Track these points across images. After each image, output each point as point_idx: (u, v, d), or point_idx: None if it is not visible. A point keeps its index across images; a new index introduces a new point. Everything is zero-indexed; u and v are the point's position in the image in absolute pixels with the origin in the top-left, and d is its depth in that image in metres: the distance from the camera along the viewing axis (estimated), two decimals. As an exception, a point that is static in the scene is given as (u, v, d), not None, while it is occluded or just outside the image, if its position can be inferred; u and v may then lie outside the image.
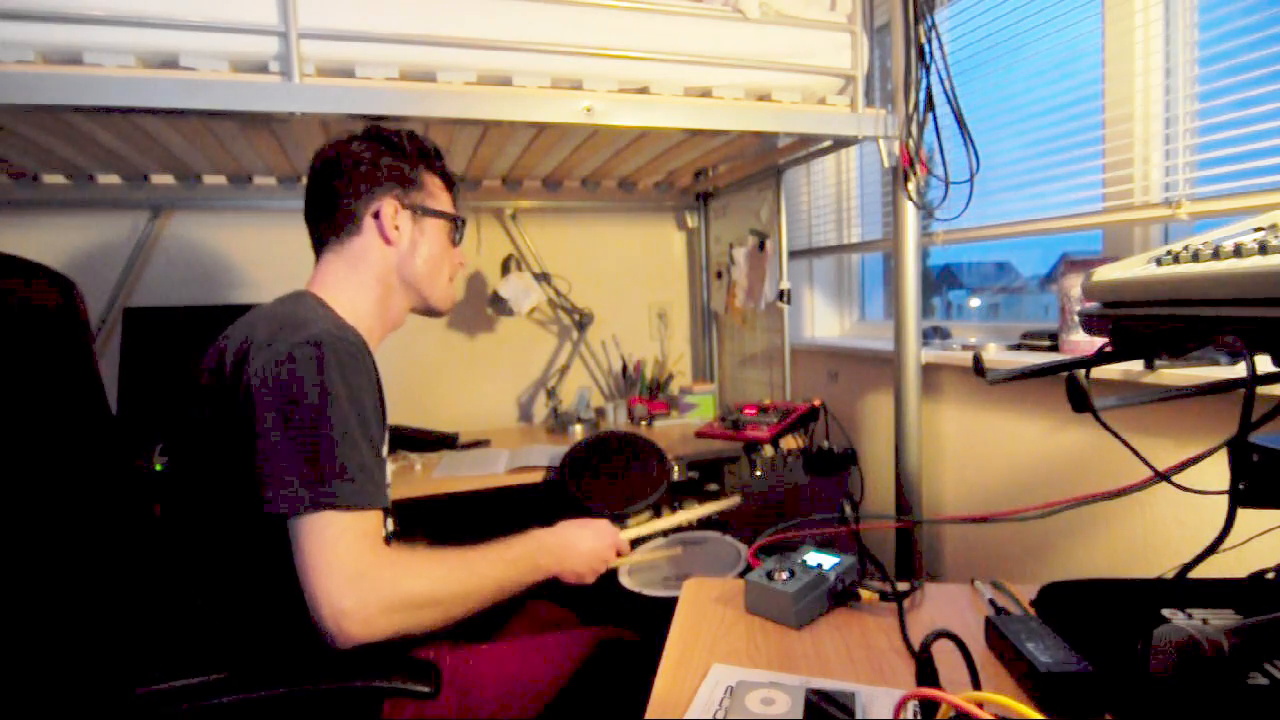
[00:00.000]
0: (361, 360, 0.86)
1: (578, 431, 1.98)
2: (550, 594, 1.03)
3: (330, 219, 1.00)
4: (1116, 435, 0.68)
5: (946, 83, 1.33)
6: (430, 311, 1.09)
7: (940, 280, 1.92)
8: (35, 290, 0.88)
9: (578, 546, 1.01)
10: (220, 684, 0.77)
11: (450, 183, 1.10)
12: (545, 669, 0.95)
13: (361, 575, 0.78)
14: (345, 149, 1.01)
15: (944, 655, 0.52)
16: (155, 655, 0.86)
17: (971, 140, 1.32)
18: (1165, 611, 0.60)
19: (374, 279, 1.00)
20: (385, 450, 0.94)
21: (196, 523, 0.89)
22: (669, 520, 1.22)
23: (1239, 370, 0.51)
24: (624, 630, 1.04)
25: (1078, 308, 1.19)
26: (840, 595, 0.77)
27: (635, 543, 1.18)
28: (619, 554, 1.09)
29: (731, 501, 1.31)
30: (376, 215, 0.99)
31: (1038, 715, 0.43)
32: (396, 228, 1.00)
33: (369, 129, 1.04)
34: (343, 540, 0.78)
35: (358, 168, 0.99)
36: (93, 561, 0.90)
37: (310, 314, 0.88)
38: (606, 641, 1.00)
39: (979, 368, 0.78)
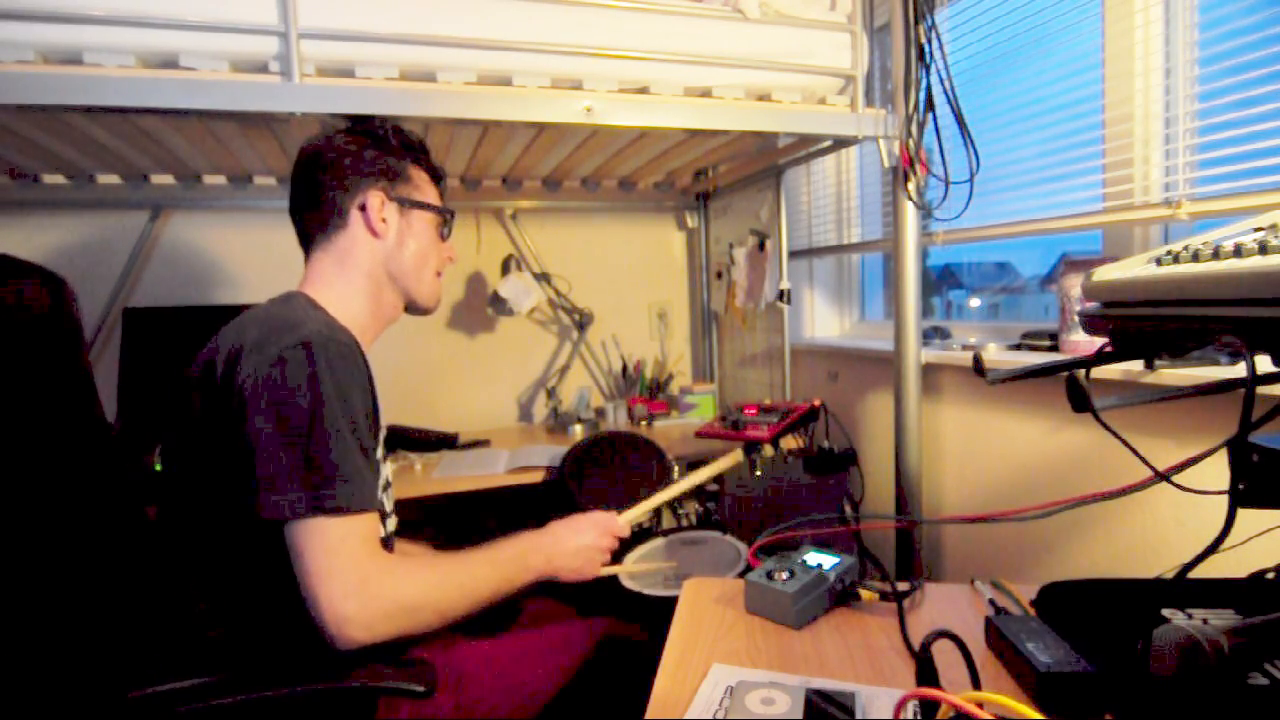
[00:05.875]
0: (353, 361, 0.86)
1: (578, 431, 1.98)
2: (551, 590, 1.03)
3: (316, 213, 0.99)
4: (1116, 435, 0.68)
5: (946, 83, 1.33)
6: (415, 308, 1.07)
7: (940, 280, 1.92)
8: (25, 290, 0.87)
9: (567, 544, 1.01)
10: (215, 685, 0.77)
11: (437, 177, 1.09)
12: (541, 667, 0.94)
13: (363, 581, 0.78)
14: (329, 143, 1.00)
15: (944, 655, 0.52)
16: (150, 657, 0.86)
17: (971, 140, 1.32)
18: (1165, 611, 0.60)
19: (362, 274, 0.99)
20: (380, 451, 0.93)
21: (191, 526, 0.89)
22: (669, 491, 1.19)
23: (1239, 370, 0.51)
24: (620, 623, 1.03)
25: (1078, 308, 1.19)
26: (840, 595, 0.77)
27: (634, 541, 1.17)
28: (618, 539, 1.08)
29: (733, 459, 1.28)
30: (363, 208, 0.98)
31: (1038, 715, 0.43)
32: (384, 220, 0.99)
33: (353, 124, 1.03)
34: (344, 546, 0.79)
35: (342, 160, 0.98)
36: (87, 564, 0.89)
37: (301, 315, 0.87)
38: (603, 639, 1.00)
39: (979, 368, 0.78)
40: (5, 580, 0.81)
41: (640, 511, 1.15)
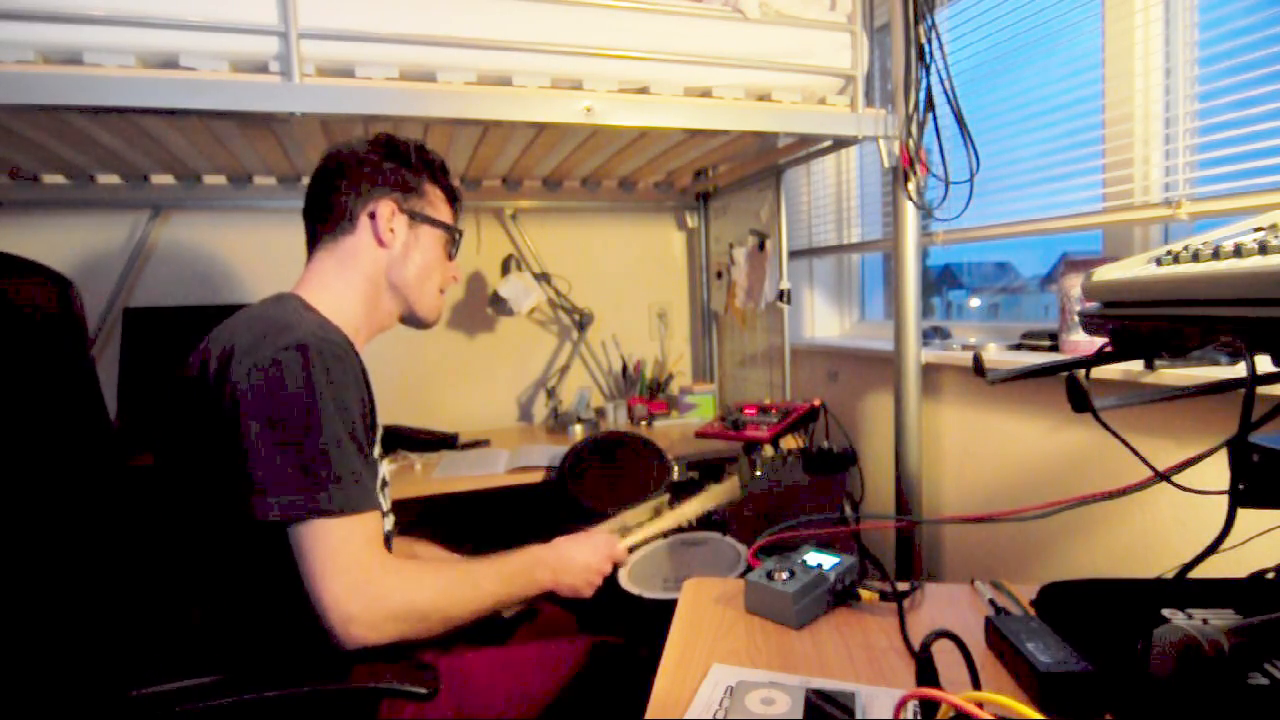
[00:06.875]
0: (347, 362, 0.85)
1: (578, 431, 1.98)
2: (552, 596, 1.03)
3: (326, 214, 0.99)
4: (1116, 435, 0.68)
5: (946, 83, 1.33)
6: (415, 321, 1.08)
7: (940, 280, 1.92)
8: (31, 289, 0.88)
9: (573, 562, 1.02)
10: (217, 686, 0.77)
11: (454, 198, 1.10)
12: (543, 675, 0.95)
13: (368, 582, 0.79)
14: (351, 150, 1.01)
15: (944, 655, 0.52)
16: (151, 657, 0.86)
17: (971, 140, 1.32)
18: (1165, 611, 0.60)
19: (362, 278, 1.00)
20: (377, 452, 0.94)
21: (186, 525, 0.88)
22: (667, 519, 1.22)
23: (1239, 370, 0.51)
24: (622, 640, 1.04)
25: (1078, 308, 1.19)
26: (840, 595, 0.77)
27: (634, 550, 1.18)
28: (616, 565, 1.09)
29: (729, 488, 1.29)
30: (373, 215, 0.99)
31: (1038, 715, 0.43)
32: (391, 230, 1.00)
33: (379, 136, 1.04)
34: (347, 546, 0.79)
35: (360, 167, 0.99)
36: (88, 563, 0.89)
37: (294, 317, 0.87)
38: (604, 649, 1.00)
39: (979, 368, 0.78)
40: (7, 578, 0.81)
41: (641, 538, 1.17)
